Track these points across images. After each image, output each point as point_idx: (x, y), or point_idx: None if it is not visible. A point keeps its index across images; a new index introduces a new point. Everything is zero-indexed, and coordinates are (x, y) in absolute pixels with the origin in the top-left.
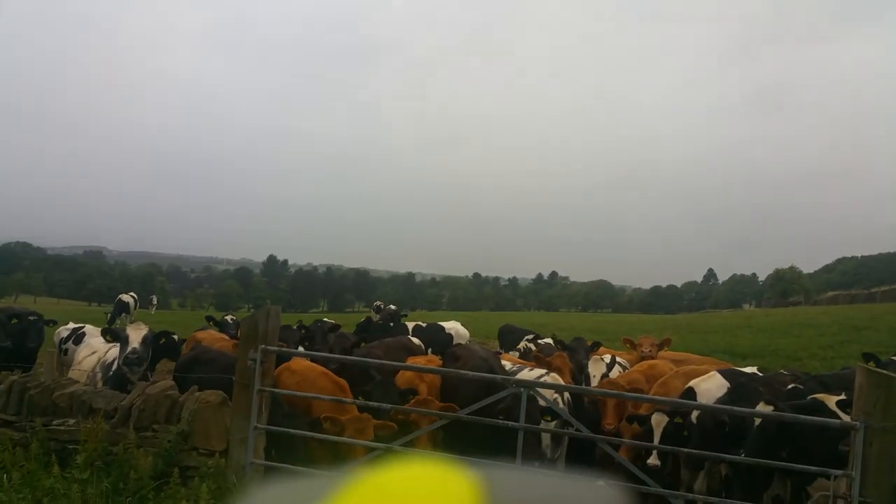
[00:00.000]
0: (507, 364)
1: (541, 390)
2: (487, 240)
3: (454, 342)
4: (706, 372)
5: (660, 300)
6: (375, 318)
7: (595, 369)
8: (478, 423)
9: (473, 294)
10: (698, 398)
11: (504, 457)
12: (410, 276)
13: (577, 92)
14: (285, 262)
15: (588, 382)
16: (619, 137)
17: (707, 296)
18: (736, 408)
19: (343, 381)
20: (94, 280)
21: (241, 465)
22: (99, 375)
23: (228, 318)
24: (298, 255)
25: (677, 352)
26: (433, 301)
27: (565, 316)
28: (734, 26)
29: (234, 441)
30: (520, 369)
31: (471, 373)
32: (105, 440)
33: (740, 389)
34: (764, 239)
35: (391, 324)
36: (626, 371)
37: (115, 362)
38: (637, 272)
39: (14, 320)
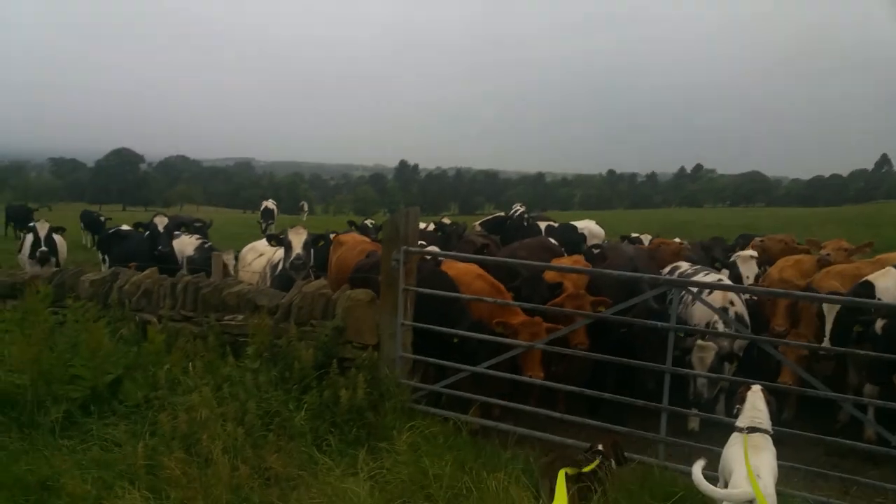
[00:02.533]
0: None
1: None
2: (623, 134)
3: (588, 242)
4: (857, 271)
5: (822, 192)
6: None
7: (747, 269)
8: (627, 323)
9: (608, 192)
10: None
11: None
12: (540, 175)
13: None
14: (416, 166)
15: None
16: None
17: (879, 185)
18: None
19: (500, 284)
20: (247, 189)
21: (391, 358)
22: (268, 276)
23: (368, 222)
24: (429, 159)
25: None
26: (564, 201)
27: (712, 212)
28: None
29: (385, 336)
30: (696, 272)
31: (621, 272)
32: (270, 334)
33: None
34: None
35: (524, 223)
36: (772, 268)
37: (281, 264)
38: (796, 161)
39: (182, 228)
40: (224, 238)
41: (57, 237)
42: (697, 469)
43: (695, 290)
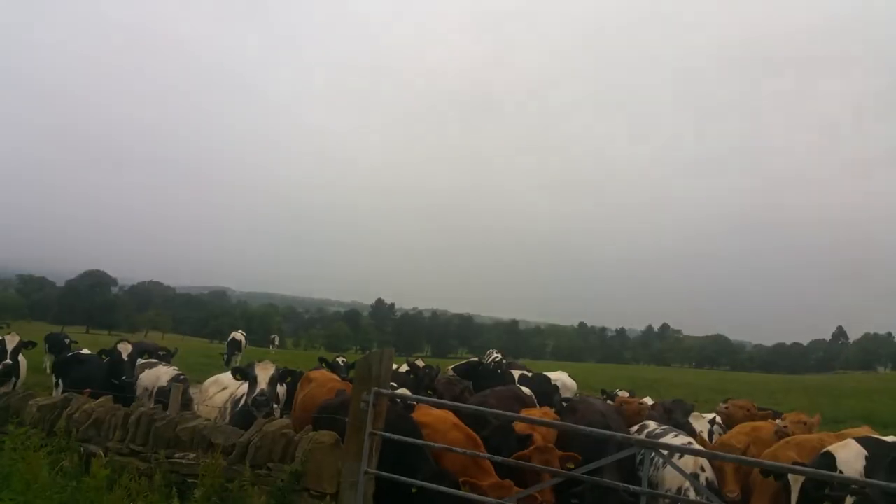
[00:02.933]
0: (651, 426)
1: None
2: (595, 288)
3: (561, 394)
4: (819, 442)
5: (783, 359)
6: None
7: (699, 424)
8: (597, 483)
9: (579, 344)
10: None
11: None
12: (514, 323)
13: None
14: (392, 305)
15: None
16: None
17: (836, 356)
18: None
19: (476, 436)
20: (218, 318)
21: None
22: (228, 411)
23: (340, 360)
24: (405, 299)
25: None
26: (537, 350)
27: (680, 372)
28: (879, 82)
29: (345, 485)
30: (664, 432)
31: (592, 429)
32: (222, 476)
33: (881, 460)
34: None
35: (498, 371)
36: (728, 434)
37: (243, 399)
38: (757, 328)
39: (145, 355)
40: (187, 368)
41: (21, 357)
42: None
43: (666, 452)
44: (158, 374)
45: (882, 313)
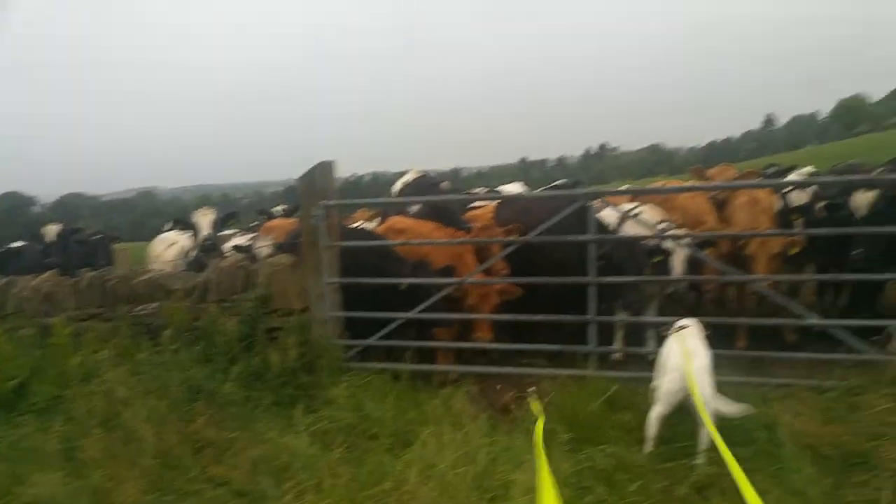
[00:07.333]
0: None
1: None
2: (534, 123)
3: None
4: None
5: (718, 154)
6: None
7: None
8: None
9: (522, 180)
10: None
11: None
12: (455, 171)
13: None
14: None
15: None
16: None
17: (767, 143)
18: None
19: (462, 233)
20: (152, 218)
21: (322, 320)
22: (182, 265)
23: (278, 209)
24: (343, 165)
25: None
26: None
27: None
28: None
29: (313, 297)
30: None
31: (538, 193)
32: (188, 316)
33: None
34: (829, 76)
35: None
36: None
37: (192, 251)
38: (691, 130)
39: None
40: None
41: None
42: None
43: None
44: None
45: (807, 94)
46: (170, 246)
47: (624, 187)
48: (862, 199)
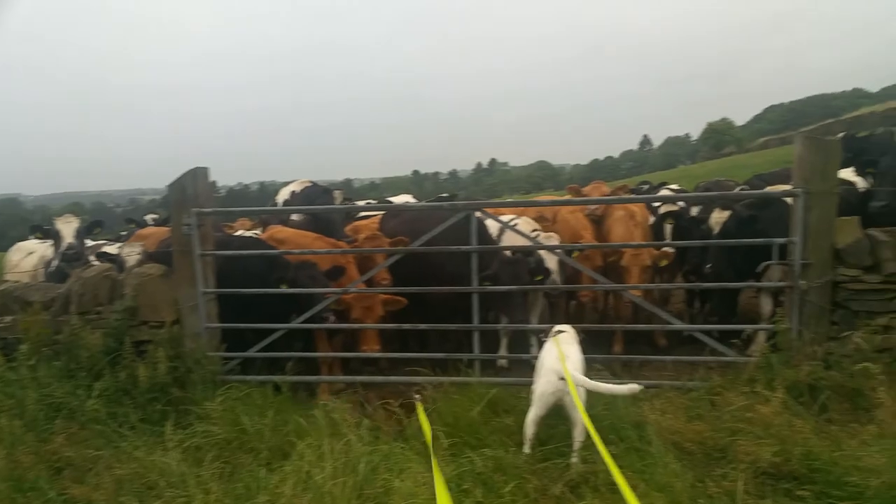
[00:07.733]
0: None
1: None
2: (427, 137)
3: None
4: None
5: (599, 173)
6: None
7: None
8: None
9: (415, 191)
10: None
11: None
12: (348, 181)
13: None
14: (213, 183)
15: None
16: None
17: (644, 162)
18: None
19: (343, 243)
20: (15, 227)
21: (195, 332)
22: (41, 275)
23: (150, 217)
24: (229, 174)
25: None
26: None
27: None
28: None
29: (185, 310)
30: None
31: (422, 204)
32: (48, 329)
33: None
34: (701, 100)
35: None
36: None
37: (53, 260)
38: (575, 149)
39: None
40: None
41: None
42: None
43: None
44: None
45: (681, 118)
46: (28, 255)
47: (509, 200)
48: (716, 219)
